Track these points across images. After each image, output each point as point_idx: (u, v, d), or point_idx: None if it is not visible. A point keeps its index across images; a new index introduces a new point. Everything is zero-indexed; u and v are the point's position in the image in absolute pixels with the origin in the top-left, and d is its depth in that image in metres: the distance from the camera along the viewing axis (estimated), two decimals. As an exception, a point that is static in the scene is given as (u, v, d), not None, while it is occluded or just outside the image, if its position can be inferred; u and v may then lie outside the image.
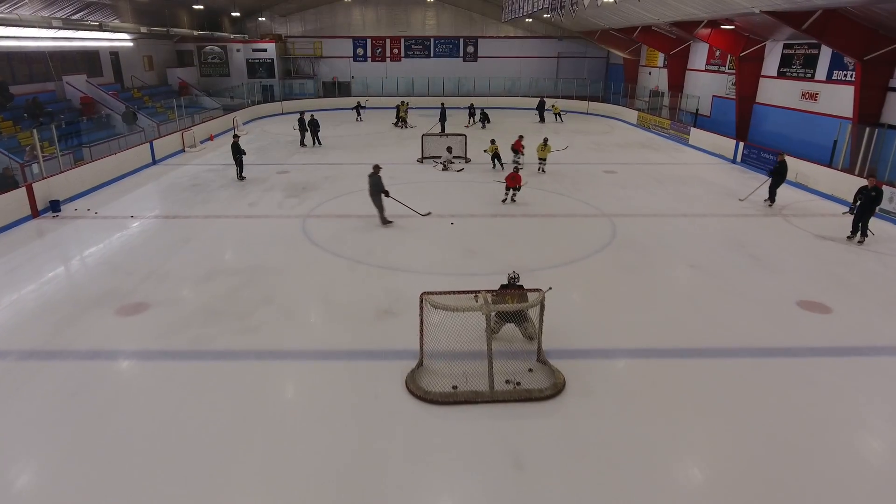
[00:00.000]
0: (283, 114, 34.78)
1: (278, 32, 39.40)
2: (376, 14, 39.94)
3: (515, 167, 17.09)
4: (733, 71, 24.62)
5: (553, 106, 32.97)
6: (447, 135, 21.72)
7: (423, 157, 21.86)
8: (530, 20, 37.26)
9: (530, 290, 7.85)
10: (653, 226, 14.49)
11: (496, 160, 20.21)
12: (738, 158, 21.87)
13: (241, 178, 18.81)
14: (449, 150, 20.40)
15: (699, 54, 27.74)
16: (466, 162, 21.56)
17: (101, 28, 19.59)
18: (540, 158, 19.95)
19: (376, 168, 14.00)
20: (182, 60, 36.00)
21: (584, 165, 21.59)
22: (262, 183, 18.56)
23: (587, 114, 36.35)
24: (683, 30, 22.80)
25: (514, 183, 15.74)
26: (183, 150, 23.85)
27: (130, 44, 29.35)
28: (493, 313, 7.60)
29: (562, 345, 8.45)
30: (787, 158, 19.51)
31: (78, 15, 21.74)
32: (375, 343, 8.71)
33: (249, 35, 38.05)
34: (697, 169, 21.32)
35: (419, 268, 11.60)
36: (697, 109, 26.21)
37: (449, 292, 7.48)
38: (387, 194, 13.98)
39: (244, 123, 30.34)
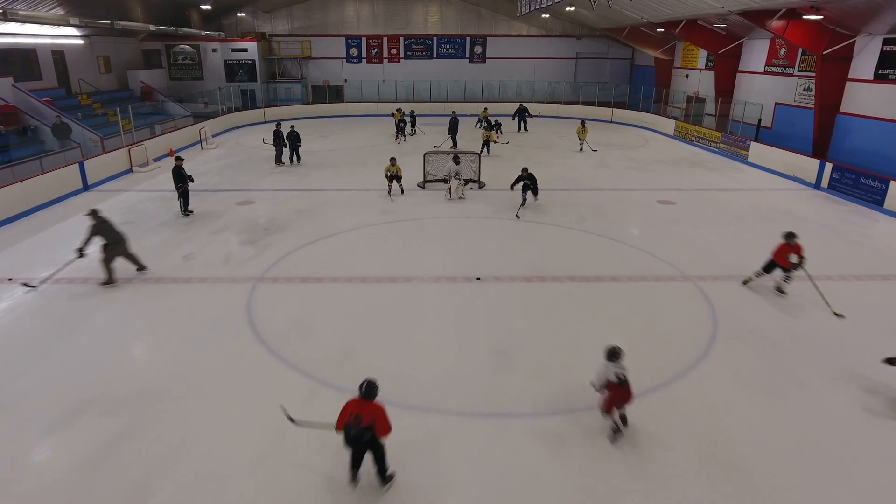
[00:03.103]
0: (265, 122, 30.14)
1: (262, 30, 34.85)
2: (372, 10, 35.43)
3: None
4: (805, 73, 20.11)
5: (484, 110, 26.88)
6: (458, 152, 17.13)
7: (425, 181, 17.32)
8: (546, 16, 32.75)
9: None
10: (762, 297, 9.91)
11: (486, 146, 21.11)
12: (825, 183, 17.29)
13: (185, 213, 14.25)
14: (456, 159, 15.95)
15: (755, 54, 23.17)
16: (481, 187, 17.04)
17: (6, 17, 14.99)
18: (581, 140, 22.89)
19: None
20: (149, 61, 31.43)
21: (629, 192, 17.04)
22: (213, 220, 14.00)
23: (611, 122, 31.79)
24: (753, 21, 18.23)
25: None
26: (131, 171, 19.33)
27: (80, 41, 24.82)
28: None
29: None
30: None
31: (-5, 3, 17.16)
32: None
33: (228, 33, 33.51)
34: (774, 197, 16.72)
35: (420, 395, 7.01)
36: (760, 120, 21.63)
37: None
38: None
39: (214, 135, 25.68)
